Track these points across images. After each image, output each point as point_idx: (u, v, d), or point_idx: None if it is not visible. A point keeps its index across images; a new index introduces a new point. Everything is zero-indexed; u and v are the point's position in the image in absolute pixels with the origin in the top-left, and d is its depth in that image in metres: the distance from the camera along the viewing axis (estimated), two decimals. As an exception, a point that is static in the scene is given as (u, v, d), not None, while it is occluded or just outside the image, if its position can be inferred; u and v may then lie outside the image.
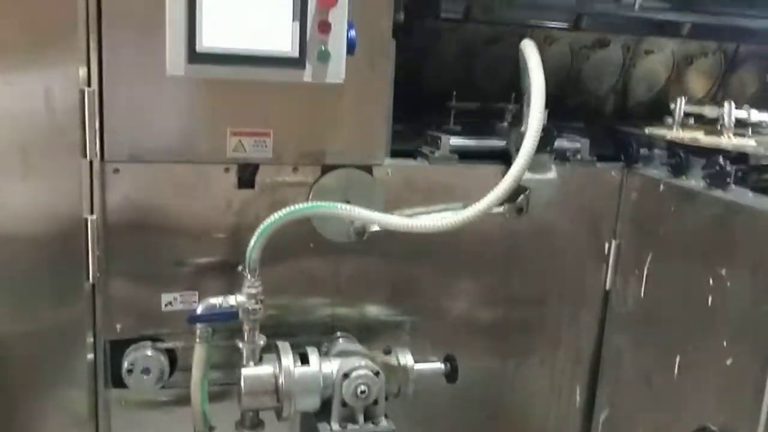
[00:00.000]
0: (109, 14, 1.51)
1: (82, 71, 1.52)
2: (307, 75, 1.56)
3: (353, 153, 1.74)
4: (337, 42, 1.56)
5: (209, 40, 1.49)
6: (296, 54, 1.54)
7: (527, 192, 1.75)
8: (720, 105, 2.09)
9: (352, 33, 1.58)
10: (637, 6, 2.22)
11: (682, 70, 2.50)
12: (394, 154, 1.83)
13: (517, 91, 1.86)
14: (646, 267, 1.89)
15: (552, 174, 1.83)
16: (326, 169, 1.74)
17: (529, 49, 1.70)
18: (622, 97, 2.50)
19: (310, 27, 1.53)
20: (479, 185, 1.64)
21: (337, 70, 1.58)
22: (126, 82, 1.55)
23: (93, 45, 1.51)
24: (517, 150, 1.74)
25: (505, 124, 2.03)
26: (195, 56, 1.49)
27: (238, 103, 1.63)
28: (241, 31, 1.51)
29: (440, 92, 2.07)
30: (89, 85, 1.53)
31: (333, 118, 1.70)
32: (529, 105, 1.76)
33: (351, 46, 1.58)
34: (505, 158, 1.84)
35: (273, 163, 1.70)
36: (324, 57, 1.55)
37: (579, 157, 1.96)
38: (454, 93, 2.09)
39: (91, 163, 1.57)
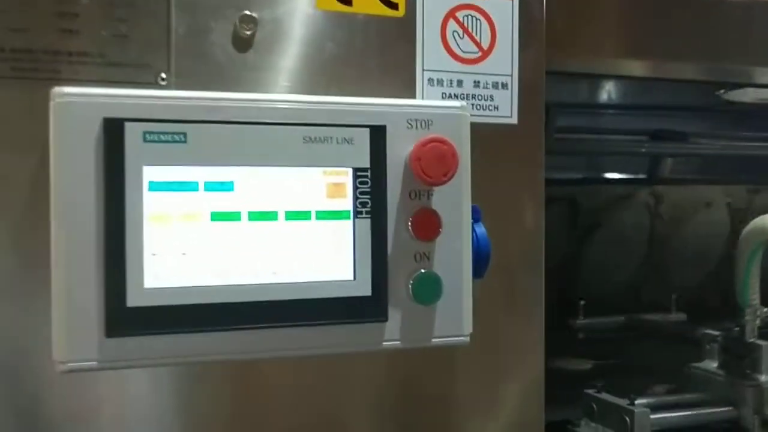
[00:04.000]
0: None
1: None
2: (393, 332, 0.68)
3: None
4: (452, 256, 0.69)
5: (162, 274, 0.62)
6: (368, 290, 0.66)
7: None
8: None
9: (482, 231, 0.72)
10: None
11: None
12: None
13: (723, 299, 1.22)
14: None
15: None
16: None
17: None
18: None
19: (394, 227, 0.67)
20: None
21: (456, 318, 0.69)
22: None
23: None
24: (765, 424, 0.99)
25: (715, 365, 1.11)
26: (123, 318, 0.61)
27: (234, 410, 0.73)
28: (238, 250, 0.64)
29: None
30: None
31: (444, 411, 0.79)
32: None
33: (482, 260, 0.71)
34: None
35: None
36: (428, 291, 0.68)
37: None
38: (582, 302, 1.43)
39: None
